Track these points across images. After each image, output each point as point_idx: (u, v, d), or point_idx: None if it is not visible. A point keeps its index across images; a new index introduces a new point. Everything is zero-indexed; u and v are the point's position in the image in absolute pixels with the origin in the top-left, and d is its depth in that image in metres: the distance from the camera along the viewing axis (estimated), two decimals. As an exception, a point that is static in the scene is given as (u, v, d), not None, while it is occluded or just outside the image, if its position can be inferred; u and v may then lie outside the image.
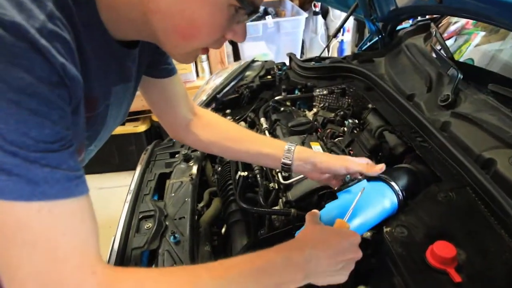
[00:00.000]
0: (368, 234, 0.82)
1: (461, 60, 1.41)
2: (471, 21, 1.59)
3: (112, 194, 2.73)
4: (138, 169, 1.32)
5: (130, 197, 1.16)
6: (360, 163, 0.85)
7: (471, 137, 0.93)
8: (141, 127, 2.75)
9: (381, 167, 0.84)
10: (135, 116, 2.72)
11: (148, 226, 1.04)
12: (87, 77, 0.53)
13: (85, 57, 0.53)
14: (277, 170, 1.02)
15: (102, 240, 0.54)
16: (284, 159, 0.87)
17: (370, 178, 0.87)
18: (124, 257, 0.96)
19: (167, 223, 1.04)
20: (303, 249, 0.64)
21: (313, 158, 0.86)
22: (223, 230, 1.14)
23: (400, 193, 0.82)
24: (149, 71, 0.81)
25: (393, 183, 0.82)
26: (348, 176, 0.89)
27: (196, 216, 1.10)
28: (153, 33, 0.58)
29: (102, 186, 2.78)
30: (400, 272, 0.71)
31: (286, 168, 0.88)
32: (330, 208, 0.79)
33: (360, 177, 0.87)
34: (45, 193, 0.44)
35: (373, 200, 0.79)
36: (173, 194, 1.16)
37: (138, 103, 0.92)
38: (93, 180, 1.92)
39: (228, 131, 0.95)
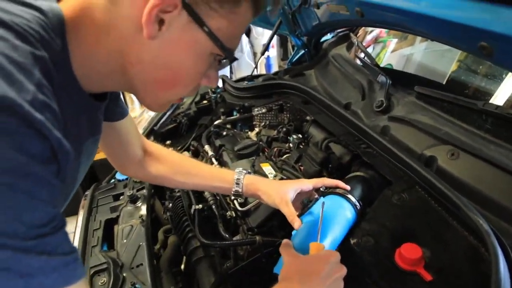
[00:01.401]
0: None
1: (381, 65, 1.52)
2: (384, 30, 1.73)
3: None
4: (80, 218, 1.21)
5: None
6: (309, 181, 0.89)
7: (410, 138, 0.99)
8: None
9: (332, 181, 0.90)
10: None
11: (102, 281, 0.94)
12: (66, 137, 0.49)
13: (65, 121, 0.49)
14: (232, 197, 1.01)
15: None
16: (234, 193, 0.92)
17: (325, 194, 0.88)
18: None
19: (124, 274, 0.95)
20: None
21: (259, 191, 0.90)
22: (182, 266, 1.09)
23: (357, 203, 0.85)
24: (106, 116, 0.76)
25: (350, 196, 0.85)
26: (306, 199, 0.89)
27: (155, 260, 1.03)
28: (130, 85, 0.58)
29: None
30: (374, 280, 0.72)
31: (239, 196, 0.94)
32: (299, 233, 0.79)
33: (316, 196, 0.89)
34: (42, 284, 0.40)
35: (336, 215, 0.81)
36: (124, 241, 1.07)
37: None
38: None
39: (178, 165, 0.96)
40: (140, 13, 0.49)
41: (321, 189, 0.90)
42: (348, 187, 0.88)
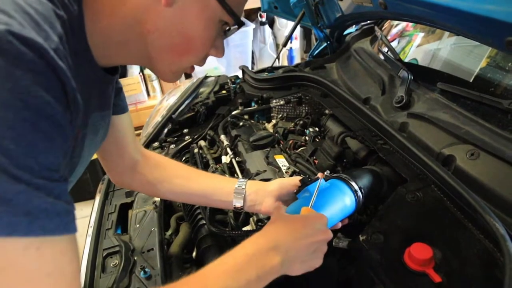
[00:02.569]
0: (345, 243, 0.81)
1: (406, 60, 1.47)
2: (410, 23, 1.67)
3: (68, 228, 2.57)
4: (97, 201, 1.24)
5: (91, 233, 1.08)
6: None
7: (429, 135, 0.96)
8: (94, 155, 2.61)
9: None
10: (86, 144, 2.58)
11: (114, 263, 0.97)
12: (75, 100, 0.51)
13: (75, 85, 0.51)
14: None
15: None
16: (235, 203, 0.89)
17: (329, 178, 0.86)
18: (92, 302, 0.89)
19: (135, 257, 0.97)
20: (269, 238, 0.64)
21: (257, 202, 0.88)
22: (193, 254, 1.10)
23: (359, 191, 0.82)
24: None
25: (352, 183, 0.82)
26: (305, 178, 0.88)
27: (166, 246, 1.05)
28: (145, 54, 0.60)
29: (57, 220, 2.60)
30: (381, 279, 0.71)
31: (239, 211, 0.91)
32: (293, 207, 0.78)
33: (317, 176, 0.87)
34: (44, 228, 0.41)
35: (334, 197, 0.79)
36: (137, 225, 1.10)
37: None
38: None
39: (177, 170, 0.93)
40: None
41: (325, 173, 0.87)
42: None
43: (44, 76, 0.40)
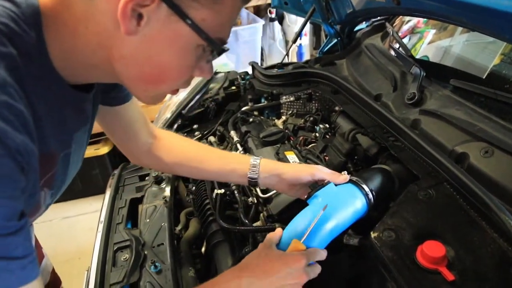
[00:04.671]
0: (356, 240, 0.81)
1: (417, 57, 1.46)
2: (422, 20, 1.65)
3: (77, 222, 2.60)
4: (107, 196, 1.25)
5: (102, 227, 1.09)
6: (326, 171, 0.85)
7: (442, 133, 0.95)
8: (103, 149, 2.63)
9: (345, 177, 0.84)
10: (96, 139, 2.60)
11: (125, 257, 0.98)
12: (42, 135, 0.50)
13: (39, 115, 0.49)
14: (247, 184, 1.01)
15: (72, 273, 0.51)
16: (250, 173, 0.86)
17: None
18: (103, 295, 0.90)
19: (145, 252, 0.98)
20: (240, 277, 0.65)
21: (278, 170, 0.86)
22: (203, 249, 1.10)
23: (370, 194, 0.81)
24: (103, 100, 0.76)
25: (363, 185, 0.82)
26: (313, 184, 0.87)
27: (175, 241, 1.05)
28: (117, 78, 0.56)
29: (66, 215, 2.64)
30: (393, 276, 0.71)
31: (253, 182, 0.87)
32: (294, 225, 0.76)
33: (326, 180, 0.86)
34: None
35: (344, 201, 0.78)
36: (148, 220, 1.10)
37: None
38: (56, 210, 1.81)
39: (191, 151, 0.93)
40: (115, 7, 0.46)
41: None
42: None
43: None
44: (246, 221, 0.97)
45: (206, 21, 0.50)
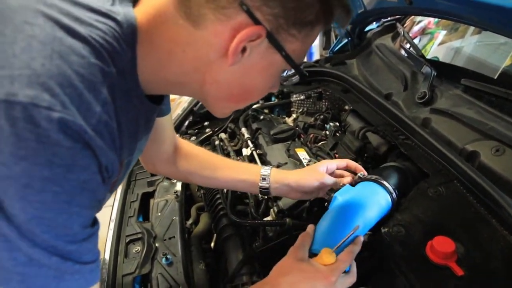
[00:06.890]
0: (365, 236, 0.82)
1: (427, 58, 1.46)
2: (433, 21, 1.65)
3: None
4: (119, 190, 1.27)
5: (114, 220, 1.11)
6: (331, 180, 0.88)
7: (452, 131, 0.96)
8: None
9: (349, 179, 0.90)
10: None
11: (136, 249, 1.00)
12: (120, 146, 0.52)
13: (122, 128, 0.51)
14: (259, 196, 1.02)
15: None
16: (261, 183, 0.89)
17: (361, 180, 0.87)
18: (115, 285, 0.91)
19: (157, 244, 1.00)
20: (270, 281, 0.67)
21: (287, 179, 0.89)
22: (212, 244, 1.12)
23: (393, 192, 0.83)
24: None
25: (385, 183, 0.83)
26: (330, 190, 0.88)
27: (186, 234, 1.07)
28: (199, 96, 0.60)
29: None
30: (402, 271, 0.71)
31: (264, 192, 0.90)
32: (323, 222, 0.77)
33: (342, 184, 0.88)
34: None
35: (369, 202, 0.79)
36: (159, 214, 1.12)
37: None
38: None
39: (204, 161, 0.95)
40: (223, 42, 0.50)
41: (358, 174, 0.88)
42: (365, 172, 0.89)
43: (80, 157, 0.42)
44: (257, 216, 0.98)
45: (295, 51, 0.54)
